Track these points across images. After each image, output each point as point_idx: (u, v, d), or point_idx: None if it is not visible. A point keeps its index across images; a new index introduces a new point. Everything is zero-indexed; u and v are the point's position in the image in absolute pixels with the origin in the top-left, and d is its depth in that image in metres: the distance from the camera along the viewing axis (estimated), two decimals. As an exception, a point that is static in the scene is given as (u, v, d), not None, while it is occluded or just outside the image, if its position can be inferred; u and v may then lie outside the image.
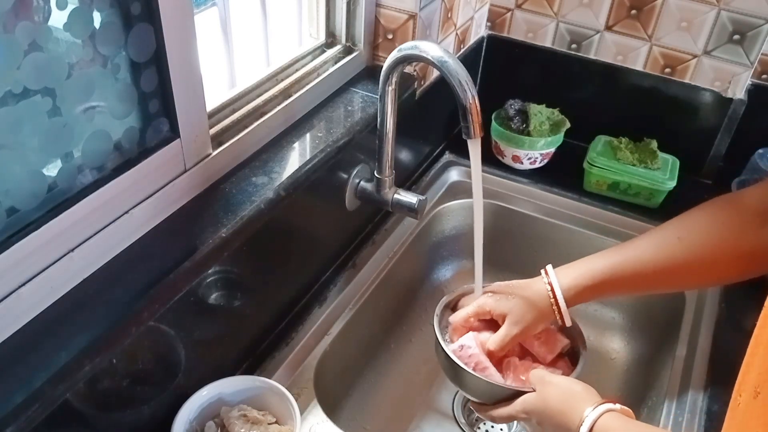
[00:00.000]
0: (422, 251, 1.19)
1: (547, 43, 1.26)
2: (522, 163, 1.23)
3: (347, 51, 1.03)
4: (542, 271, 0.82)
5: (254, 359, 0.88)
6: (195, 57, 0.70)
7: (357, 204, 1.01)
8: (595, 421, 0.65)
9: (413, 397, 1.07)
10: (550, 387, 0.72)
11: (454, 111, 0.80)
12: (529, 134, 1.19)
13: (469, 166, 0.93)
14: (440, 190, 1.23)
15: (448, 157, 1.28)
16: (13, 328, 0.59)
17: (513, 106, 1.22)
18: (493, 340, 0.81)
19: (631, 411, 0.68)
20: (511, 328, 0.80)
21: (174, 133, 0.71)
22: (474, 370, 0.79)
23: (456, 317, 0.86)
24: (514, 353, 0.84)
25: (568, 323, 0.80)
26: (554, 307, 0.79)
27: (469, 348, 0.80)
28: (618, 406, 0.67)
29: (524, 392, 0.74)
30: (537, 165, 1.24)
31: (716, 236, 0.76)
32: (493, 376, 0.79)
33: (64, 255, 0.62)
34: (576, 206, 1.19)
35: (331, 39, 1.03)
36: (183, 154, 0.73)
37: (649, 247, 0.78)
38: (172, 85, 0.68)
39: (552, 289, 0.79)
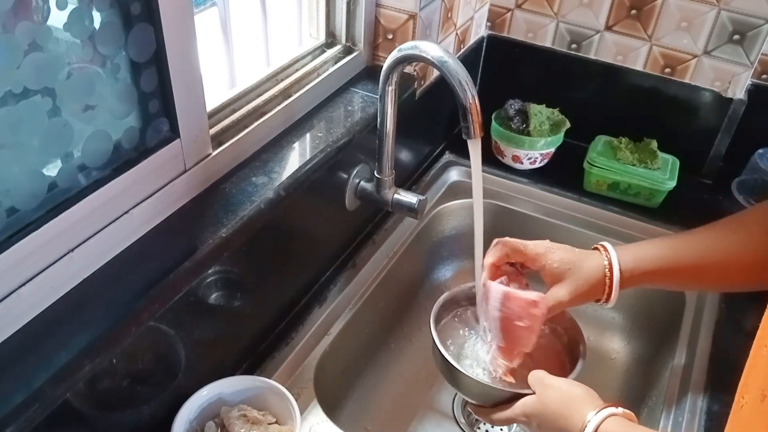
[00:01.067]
0: (422, 251, 1.19)
1: (547, 43, 1.26)
2: (522, 163, 1.23)
3: (347, 51, 1.03)
4: (599, 246, 0.79)
5: (254, 359, 0.88)
6: (195, 57, 0.70)
7: (357, 204, 1.01)
8: (598, 426, 0.64)
9: (413, 397, 1.07)
10: (550, 390, 0.71)
11: (454, 111, 0.80)
12: (529, 134, 1.19)
13: (469, 166, 0.93)
14: (440, 190, 1.23)
15: (448, 157, 1.28)
16: (13, 328, 0.59)
17: (513, 106, 1.22)
18: (545, 303, 0.76)
19: (633, 414, 0.67)
20: (561, 293, 0.76)
21: (174, 133, 0.71)
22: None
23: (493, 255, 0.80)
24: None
25: (612, 304, 0.78)
26: (607, 283, 0.76)
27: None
28: (620, 410, 0.66)
29: (523, 394, 0.73)
30: (537, 165, 1.24)
31: (764, 237, 0.74)
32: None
33: (64, 255, 0.62)
34: (576, 206, 1.19)
35: (331, 39, 1.03)
36: (183, 154, 0.73)
37: (708, 239, 0.77)
38: (172, 85, 0.68)
39: (610, 266, 0.76)
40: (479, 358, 0.82)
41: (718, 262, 0.76)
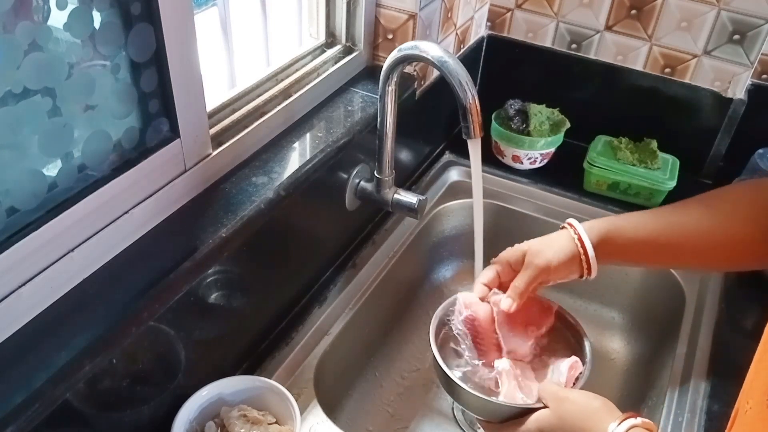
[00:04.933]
0: (422, 251, 1.19)
1: (547, 43, 1.26)
2: (522, 163, 1.23)
3: (347, 51, 1.03)
4: (565, 224, 0.79)
5: (254, 359, 0.88)
6: (195, 57, 0.70)
7: (357, 204, 1.01)
8: None
9: (413, 397, 1.07)
10: (567, 403, 0.68)
11: (454, 111, 0.80)
12: (529, 134, 1.19)
13: (469, 166, 0.93)
14: (440, 190, 1.23)
15: (448, 157, 1.28)
16: (13, 328, 0.59)
17: (513, 106, 1.22)
18: (516, 281, 0.77)
19: (652, 424, 0.65)
20: (537, 260, 0.76)
21: (174, 133, 0.71)
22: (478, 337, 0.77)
23: (472, 294, 0.81)
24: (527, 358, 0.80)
25: (594, 274, 0.77)
26: (582, 257, 0.76)
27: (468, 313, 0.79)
28: (640, 420, 0.64)
29: (533, 409, 0.71)
30: (537, 165, 1.24)
31: (743, 215, 0.74)
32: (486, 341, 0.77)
33: (64, 255, 0.62)
34: (576, 206, 1.19)
35: (331, 39, 1.03)
36: (183, 154, 0.73)
37: (685, 213, 0.76)
38: (172, 85, 0.68)
39: (580, 239, 0.76)
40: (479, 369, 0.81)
41: (690, 238, 0.75)
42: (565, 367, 0.76)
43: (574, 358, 0.77)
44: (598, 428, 0.65)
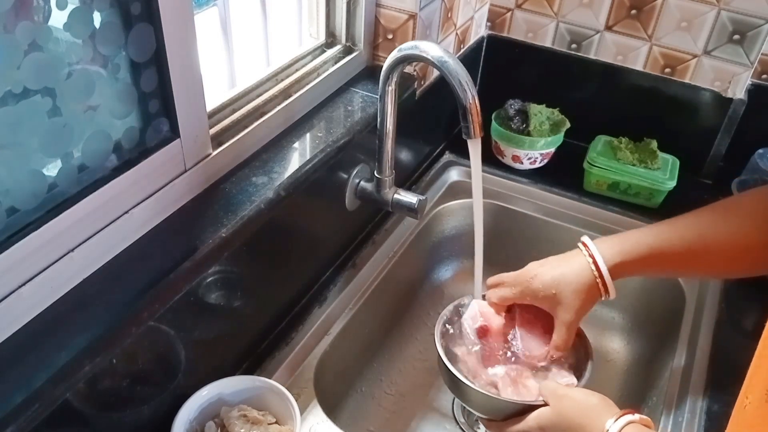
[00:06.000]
0: (422, 251, 1.19)
1: (547, 43, 1.26)
2: (522, 163, 1.23)
3: (347, 51, 1.03)
4: (579, 244, 0.79)
5: (254, 359, 0.88)
6: (195, 57, 0.70)
7: (357, 204, 1.01)
8: None
9: (413, 397, 1.07)
10: (566, 400, 0.70)
11: (454, 111, 0.80)
12: (529, 134, 1.19)
13: (469, 166, 0.93)
14: (440, 190, 1.23)
15: (448, 157, 1.28)
16: (13, 328, 0.59)
17: (513, 106, 1.22)
18: (556, 338, 0.77)
19: (650, 420, 0.66)
20: (566, 316, 0.77)
21: (174, 133, 0.71)
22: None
23: (493, 295, 0.82)
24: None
25: (613, 295, 0.77)
26: (598, 280, 0.76)
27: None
28: (637, 416, 0.65)
29: (534, 406, 0.72)
30: (537, 165, 1.24)
31: (760, 220, 0.73)
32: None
33: (64, 255, 0.62)
34: (576, 206, 1.19)
35: (331, 39, 1.03)
36: (183, 154, 0.73)
37: (697, 225, 0.76)
38: (172, 85, 0.68)
39: (595, 264, 0.76)
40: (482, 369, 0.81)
41: (708, 247, 0.75)
42: (562, 381, 0.77)
43: (573, 380, 0.77)
44: (596, 424, 0.66)
